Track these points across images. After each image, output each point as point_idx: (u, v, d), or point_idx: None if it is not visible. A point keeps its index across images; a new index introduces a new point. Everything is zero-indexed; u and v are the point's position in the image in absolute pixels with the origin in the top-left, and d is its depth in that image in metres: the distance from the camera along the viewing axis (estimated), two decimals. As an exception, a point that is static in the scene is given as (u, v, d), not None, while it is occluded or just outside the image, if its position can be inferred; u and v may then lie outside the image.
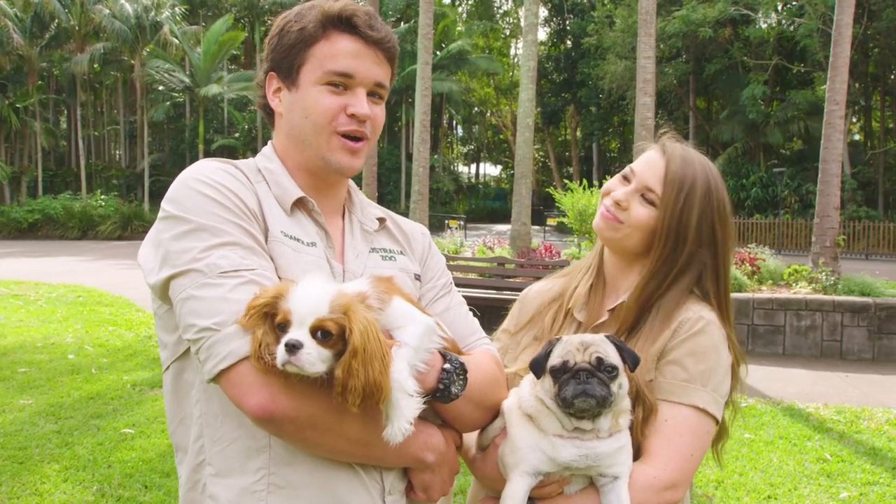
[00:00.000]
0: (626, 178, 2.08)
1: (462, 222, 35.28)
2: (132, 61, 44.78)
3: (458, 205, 63.38)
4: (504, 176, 72.18)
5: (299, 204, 1.79)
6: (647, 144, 2.14)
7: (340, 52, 1.74)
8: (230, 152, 49.77)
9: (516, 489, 1.75)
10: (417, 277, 1.96)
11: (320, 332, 1.44)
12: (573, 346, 1.75)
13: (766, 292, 12.48)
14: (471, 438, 1.95)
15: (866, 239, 32.09)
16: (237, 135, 48.29)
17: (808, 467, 6.45)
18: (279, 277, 1.63)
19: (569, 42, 54.36)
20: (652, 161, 2.04)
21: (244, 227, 1.63)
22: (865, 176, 37.19)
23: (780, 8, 36.67)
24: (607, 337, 1.80)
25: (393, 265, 1.91)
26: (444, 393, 1.64)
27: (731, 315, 2.06)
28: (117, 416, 7.44)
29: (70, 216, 38.25)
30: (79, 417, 7.38)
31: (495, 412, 1.88)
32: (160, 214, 1.68)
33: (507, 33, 64.69)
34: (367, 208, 1.99)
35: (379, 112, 1.82)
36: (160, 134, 52.78)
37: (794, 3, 35.08)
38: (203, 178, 1.66)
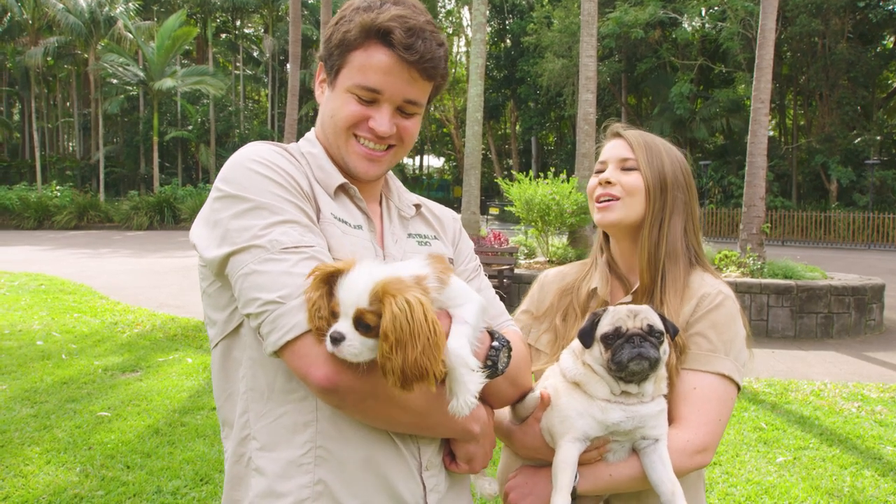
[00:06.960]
0: (599, 171, 2.19)
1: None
2: (86, 55, 43.26)
3: (403, 195, 63.09)
4: (447, 168, 72.14)
5: (341, 189, 1.77)
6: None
7: (373, 66, 1.66)
8: (184, 144, 48.60)
9: (568, 455, 1.77)
10: (451, 261, 1.93)
11: (361, 324, 1.39)
12: (623, 314, 1.79)
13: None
14: (501, 412, 1.94)
15: (782, 227, 33.19)
16: (190, 127, 47.14)
17: (746, 436, 6.67)
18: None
19: (508, 41, 54.52)
20: (613, 144, 2.18)
21: (300, 206, 1.60)
22: (781, 169, 38.22)
23: (704, 12, 37.39)
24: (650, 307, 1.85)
25: (428, 250, 1.88)
26: (492, 369, 1.61)
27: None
28: (92, 400, 7.25)
29: (26, 206, 36.77)
30: (54, 401, 7.17)
31: (525, 390, 1.86)
32: (214, 195, 1.63)
33: (451, 31, 64.55)
34: (404, 195, 1.97)
35: (410, 124, 1.76)
36: (114, 126, 51.16)
37: (716, 8, 35.82)
38: (258, 158, 1.62)
